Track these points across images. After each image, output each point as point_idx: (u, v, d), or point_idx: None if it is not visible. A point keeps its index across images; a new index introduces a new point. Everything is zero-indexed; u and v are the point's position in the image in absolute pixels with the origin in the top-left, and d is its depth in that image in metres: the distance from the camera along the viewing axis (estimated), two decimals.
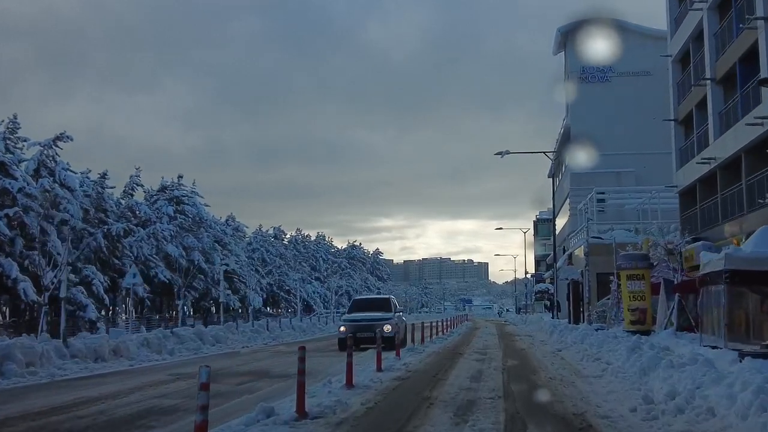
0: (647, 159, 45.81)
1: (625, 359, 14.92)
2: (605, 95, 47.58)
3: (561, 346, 23.48)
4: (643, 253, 25.33)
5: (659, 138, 46.75)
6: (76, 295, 47.33)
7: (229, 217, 75.43)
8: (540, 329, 35.10)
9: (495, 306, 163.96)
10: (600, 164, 46.41)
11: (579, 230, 41.78)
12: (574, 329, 26.31)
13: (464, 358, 19.80)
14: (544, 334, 31.45)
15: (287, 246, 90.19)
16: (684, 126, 34.71)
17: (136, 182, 60.46)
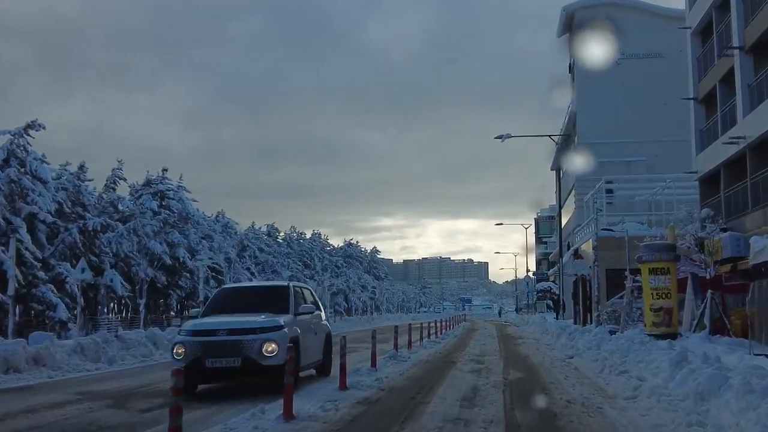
0: (659, 147, 41.96)
1: (667, 376, 11.08)
2: (613, 79, 43.72)
3: (572, 352, 19.65)
4: (668, 243, 21.45)
5: (672, 124, 42.95)
6: (45, 293, 43.69)
7: (219, 213, 71.65)
8: (544, 331, 31.26)
9: (495, 306, 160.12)
10: (608, 153, 42.59)
11: (586, 223, 37.90)
12: (586, 332, 22.47)
13: (457, 368, 15.96)
14: (549, 337, 27.63)
15: (281, 244, 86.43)
16: (705, 105, 30.88)
17: (118, 176, 56.78)
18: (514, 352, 21.85)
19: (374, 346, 15.25)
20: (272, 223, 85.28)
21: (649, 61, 44.11)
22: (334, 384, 11.92)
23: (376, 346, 15.79)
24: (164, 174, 60.20)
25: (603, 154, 42.85)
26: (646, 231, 34.39)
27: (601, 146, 43.34)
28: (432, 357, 19.10)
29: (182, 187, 63.89)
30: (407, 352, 19.91)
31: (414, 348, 21.44)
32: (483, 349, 22.83)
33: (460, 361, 17.86)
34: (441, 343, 25.44)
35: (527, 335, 32.50)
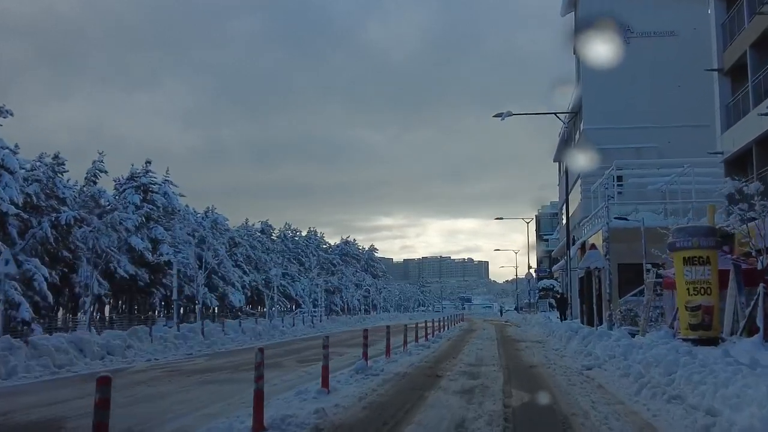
0: (671, 133, 37.67)
1: (760, 412, 6.81)
2: (622, 60, 39.41)
3: (590, 361, 15.36)
4: (708, 226, 17.14)
5: (686, 108, 38.68)
6: (8, 291, 39.57)
7: (208, 209, 67.39)
8: (550, 332, 26.97)
9: (495, 305, 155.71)
10: (617, 139, 38.29)
11: (595, 213, 33.64)
12: (604, 335, 18.12)
13: (441, 387, 11.66)
14: (556, 340, 23.35)
15: (275, 241, 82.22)
16: (731, 77, 26.58)
17: (99, 168, 52.63)
18: (516, 360, 17.55)
19: (326, 359, 10.89)
20: (266, 220, 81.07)
21: (661, 40, 39.81)
22: (243, 423, 7.64)
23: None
24: (147, 167, 55.98)
25: (611, 140, 38.58)
26: (662, 221, 30.16)
27: (608, 132, 39.08)
28: (413, 368, 14.79)
29: (168, 182, 59.77)
30: (384, 360, 15.65)
31: (394, 355, 17.18)
32: (479, 356, 18.56)
33: (448, 374, 13.56)
34: (431, 347, 21.15)
35: (530, 337, 28.22)
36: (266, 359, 16.81)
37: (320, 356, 13.66)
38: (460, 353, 19.27)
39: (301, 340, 28.38)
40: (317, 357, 17.81)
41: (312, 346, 23.33)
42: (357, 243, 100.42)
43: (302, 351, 21.00)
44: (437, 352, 19.67)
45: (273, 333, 30.17)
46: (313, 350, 21.00)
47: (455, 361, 16.80)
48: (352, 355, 18.67)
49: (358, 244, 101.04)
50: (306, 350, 20.88)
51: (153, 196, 55.55)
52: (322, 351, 10.98)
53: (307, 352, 19.89)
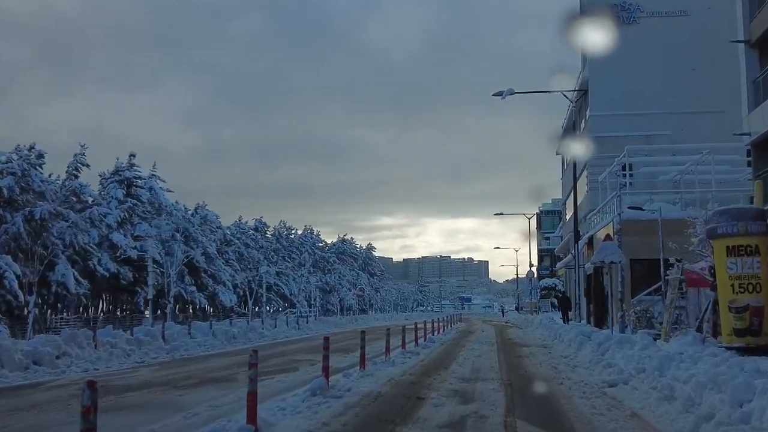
0: (684, 120, 34.44)
1: None
2: (632, 41, 36.25)
3: (611, 376, 12.17)
4: (757, 208, 13.90)
5: (700, 93, 35.50)
6: None
7: (198, 206, 64.19)
8: (556, 336, 23.75)
9: (495, 305, 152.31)
10: (625, 126, 35.08)
11: (605, 204, 30.45)
12: (625, 342, 14.84)
13: (420, 419, 8.40)
14: (564, 345, 20.14)
15: (270, 239, 79.01)
16: (760, 49, 23.37)
17: (81, 162, 49.41)
18: (520, 371, 14.32)
19: (254, 383, 7.63)
20: (260, 218, 77.85)
21: (672, 20, 36.58)
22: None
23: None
24: (131, 160, 52.84)
25: (619, 127, 35.42)
26: (679, 212, 26.97)
27: (616, 119, 35.89)
28: (390, 386, 11.56)
29: (155, 176, 56.66)
30: (357, 375, 12.44)
31: (372, 366, 13.98)
32: (476, 366, 15.35)
33: (433, 395, 10.32)
34: (420, 354, 17.93)
35: (534, 341, 25.01)
36: (220, 370, 13.55)
37: (287, 367, 10.57)
38: (453, 362, 16.04)
39: (277, 344, 25.21)
40: (282, 368, 14.62)
41: (285, 353, 20.14)
42: (354, 242, 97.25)
43: (269, 359, 17.82)
44: (426, 361, 16.45)
45: (250, 336, 26.97)
46: (283, 358, 17.83)
47: (446, 373, 13.58)
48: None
49: (355, 242, 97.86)
50: (274, 358, 17.69)
51: (137, 191, 52.44)
52: (275, 361, 7.75)
53: (273, 361, 16.69)
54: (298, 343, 25.49)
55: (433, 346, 21.15)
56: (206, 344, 22.96)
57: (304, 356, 18.45)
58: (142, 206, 52.83)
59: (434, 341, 22.93)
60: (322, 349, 10.68)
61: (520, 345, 22.90)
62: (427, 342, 22.10)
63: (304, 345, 23.72)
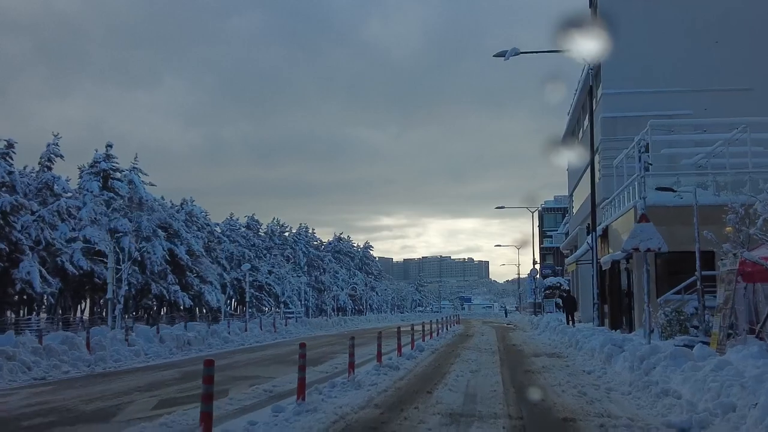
0: (708, 98, 30.03)
1: None
2: (649, 13, 31.89)
3: (675, 413, 7.78)
4: None
5: (724, 69, 31.15)
6: None
7: (184, 201, 59.88)
8: (571, 342, 19.31)
9: (495, 305, 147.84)
10: (642, 105, 30.69)
11: (624, 188, 26.06)
12: (680, 357, 10.40)
13: None
14: (585, 356, 15.75)
15: (263, 237, 74.68)
16: None
17: (54, 152, 45.22)
18: (535, 399, 9.86)
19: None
20: (252, 215, 73.57)
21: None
22: None
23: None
24: (108, 151, 48.46)
25: (635, 106, 31.03)
26: (712, 197, 22.63)
27: (632, 97, 31.51)
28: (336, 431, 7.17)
29: (137, 169, 52.33)
30: (294, 408, 8.03)
31: (330, 388, 9.62)
32: (471, 388, 10.95)
33: None
34: (400, 369, 13.51)
35: (543, 348, 20.57)
36: (114, 396, 9.29)
37: (216, 389, 6.37)
38: (440, 383, 11.62)
39: (237, 352, 20.77)
40: (213, 389, 10.15)
41: (234, 365, 15.74)
42: (351, 240, 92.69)
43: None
44: (406, 381, 12.03)
45: (211, 341, 22.55)
46: (225, 373, 13.45)
47: (427, 403, 9.17)
48: (264, 388, 11.19)
49: (353, 242, 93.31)
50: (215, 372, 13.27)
51: (114, 184, 48.10)
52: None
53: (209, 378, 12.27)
54: (263, 350, 21.10)
55: (420, 356, 16.72)
56: (150, 353, 18.56)
57: (254, 371, 14.09)
58: (121, 200, 48.55)
59: (423, 349, 18.49)
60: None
61: (528, 354, 18.47)
62: (415, 350, 17.69)
63: (267, 354, 19.36)
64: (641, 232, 14.11)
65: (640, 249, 14.13)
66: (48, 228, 41.56)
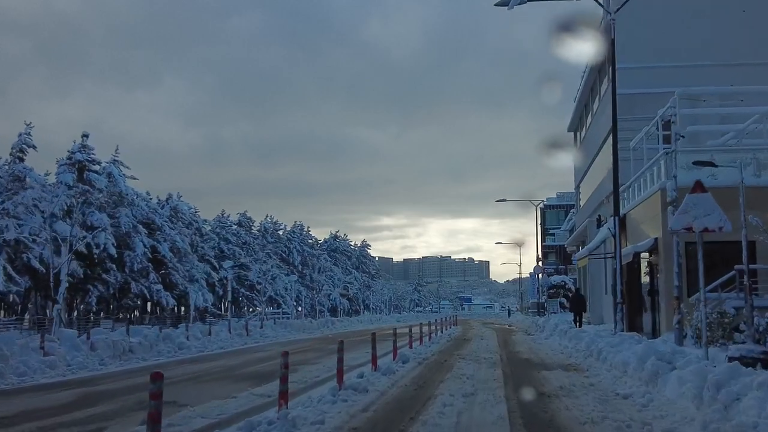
0: (735, 73, 26.20)
1: None
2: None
3: None
4: None
5: (753, 41, 27.36)
6: None
7: (169, 196, 56.10)
8: (589, 351, 15.45)
9: (496, 305, 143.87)
10: (660, 81, 26.88)
11: (646, 170, 22.27)
12: (744, 376, 6.63)
13: None
14: (613, 370, 11.91)
15: (256, 235, 70.92)
16: None
17: (27, 143, 41.48)
18: None
19: None
20: (244, 212, 69.81)
21: None
22: None
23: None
24: (84, 141, 44.65)
25: (653, 82, 27.23)
26: (754, 178, 18.92)
27: (650, 72, 27.72)
28: None
29: (118, 162, 48.59)
30: None
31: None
32: (463, 428, 7.14)
33: None
34: (369, 391, 9.71)
35: (555, 357, 16.71)
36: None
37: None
38: (419, 418, 7.81)
39: (183, 363, 16.93)
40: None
41: (172, 380, 11.92)
42: (349, 239, 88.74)
43: (103, 400, 9.76)
44: (372, 411, 8.23)
45: (161, 348, 18.73)
46: (133, 396, 9.64)
47: None
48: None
49: (350, 240, 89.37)
50: (120, 395, 9.56)
51: (90, 176, 44.23)
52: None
53: (99, 408, 8.55)
54: (216, 361, 17.28)
55: (402, 370, 12.89)
56: (74, 364, 14.77)
57: (174, 394, 10.30)
58: (98, 193, 44.79)
59: (408, 359, 14.66)
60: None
61: (537, 365, 14.64)
62: (397, 362, 13.89)
63: (216, 367, 15.56)
64: (696, 205, 10.33)
65: (694, 228, 10.35)
66: (13, 222, 37.86)
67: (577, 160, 38.77)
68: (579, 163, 38.38)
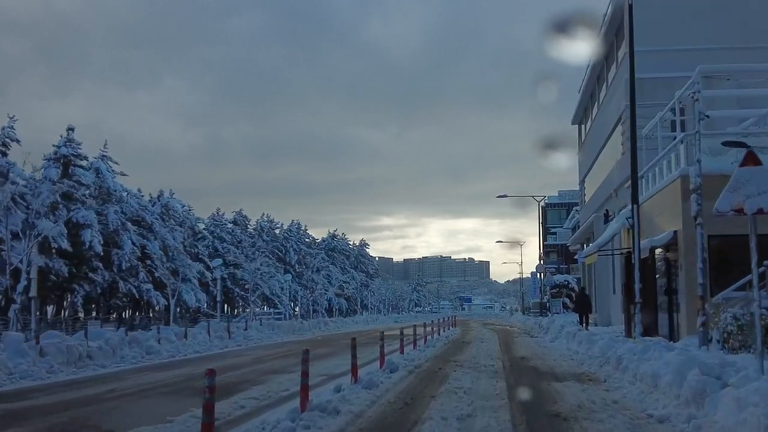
0: (758, 55, 24.12)
1: None
2: None
3: None
4: None
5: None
6: None
7: (160, 193, 54.08)
8: (605, 358, 13.37)
9: (496, 305, 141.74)
10: (674, 65, 24.83)
11: (663, 157, 20.21)
12: None
13: None
14: (642, 385, 9.79)
15: (252, 234, 68.91)
16: None
17: (10, 136, 39.56)
18: None
19: None
20: (240, 210, 67.81)
21: None
22: None
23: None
24: (69, 134, 42.62)
25: (665, 66, 25.18)
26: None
27: (662, 56, 25.65)
28: None
29: (107, 157, 46.64)
30: None
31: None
32: None
33: None
34: (339, 415, 7.68)
35: (565, 364, 14.63)
36: None
37: None
38: None
39: (145, 370, 14.87)
40: None
41: (98, 398, 9.87)
42: (347, 238, 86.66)
43: (25, 421, 7.72)
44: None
45: (126, 353, 16.58)
46: (57, 418, 7.56)
47: None
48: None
49: (348, 239, 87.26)
50: (50, 416, 7.52)
51: (76, 171, 42.22)
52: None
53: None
54: (185, 368, 15.20)
55: (387, 382, 10.80)
56: (17, 371, 12.73)
57: (102, 414, 8.25)
58: (85, 189, 42.79)
59: (397, 367, 12.57)
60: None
61: (545, 374, 12.57)
62: (383, 371, 11.83)
63: (178, 375, 13.53)
64: (748, 181, 8.23)
65: (745, 210, 8.24)
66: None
67: (582, 154, 36.69)
68: (584, 156, 36.29)
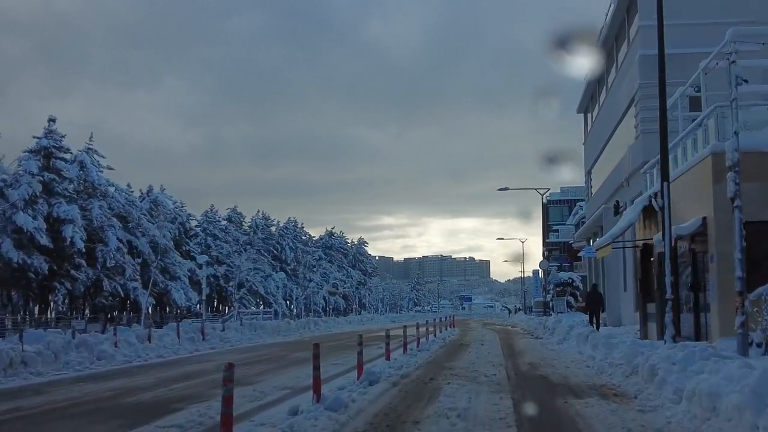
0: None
1: None
2: None
3: None
4: None
5: None
6: None
7: (150, 188, 51.70)
8: (624, 362, 11.01)
9: (497, 304, 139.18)
10: (691, 40, 22.36)
11: (688, 134, 17.76)
12: None
13: None
14: (688, 404, 7.40)
15: (247, 232, 66.52)
16: None
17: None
18: None
19: None
20: (234, 207, 65.39)
21: None
22: None
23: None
24: (50, 126, 40.22)
25: (682, 41, 22.65)
26: None
27: (679, 30, 23.12)
28: None
29: (92, 150, 44.26)
30: None
31: None
32: None
33: None
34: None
35: (581, 373, 12.21)
36: None
37: None
38: None
39: (79, 381, 12.42)
40: None
41: (16, 413, 7.48)
42: (345, 236, 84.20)
43: None
44: None
45: (71, 358, 14.11)
46: None
47: None
48: None
49: (346, 238, 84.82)
50: None
51: (58, 164, 39.83)
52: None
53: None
54: (128, 377, 12.78)
55: (360, 402, 8.36)
56: None
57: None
58: (68, 183, 40.38)
59: (378, 378, 10.17)
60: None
61: (559, 387, 10.17)
62: (360, 384, 9.43)
63: (115, 387, 11.12)
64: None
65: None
66: None
67: (588, 143, 34.26)
68: (590, 146, 33.86)
